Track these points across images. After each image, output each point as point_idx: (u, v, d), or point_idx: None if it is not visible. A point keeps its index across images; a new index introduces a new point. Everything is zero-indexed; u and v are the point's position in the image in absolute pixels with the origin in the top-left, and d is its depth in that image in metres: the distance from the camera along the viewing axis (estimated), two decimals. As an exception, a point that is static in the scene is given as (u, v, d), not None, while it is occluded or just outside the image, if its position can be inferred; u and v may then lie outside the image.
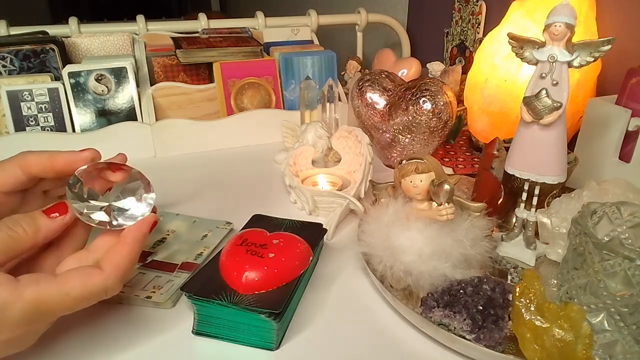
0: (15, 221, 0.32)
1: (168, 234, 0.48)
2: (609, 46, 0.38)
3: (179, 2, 4.45)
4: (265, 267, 0.37)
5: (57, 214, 0.34)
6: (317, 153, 0.60)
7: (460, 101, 0.75)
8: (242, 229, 0.45)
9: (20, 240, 0.32)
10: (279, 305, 0.34)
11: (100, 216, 0.35)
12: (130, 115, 0.72)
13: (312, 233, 0.44)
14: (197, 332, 0.37)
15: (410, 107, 0.61)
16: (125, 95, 0.72)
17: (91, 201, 0.36)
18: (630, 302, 0.32)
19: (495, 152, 0.49)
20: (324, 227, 0.47)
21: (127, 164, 0.39)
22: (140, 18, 0.88)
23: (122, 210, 0.36)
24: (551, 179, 0.42)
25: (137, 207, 0.37)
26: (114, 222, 0.35)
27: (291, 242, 0.41)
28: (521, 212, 0.45)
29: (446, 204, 0.38)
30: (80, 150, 0.37)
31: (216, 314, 0.36)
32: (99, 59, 0.75)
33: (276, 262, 0.37)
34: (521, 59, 0.41)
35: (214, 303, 0.35)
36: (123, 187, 0.37)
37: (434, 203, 0.39)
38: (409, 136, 0.63)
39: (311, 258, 0.41)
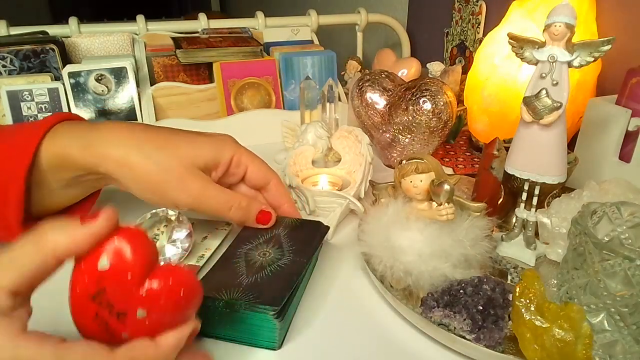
0: None
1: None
2: (609, 46, 0.38)
3: (179, 2, 4.45)
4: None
5: None
6: (317, 153, 0.60)
7: (460, 101, 0.75)
8: (241, 230, 0.45)
9: None
10: (279, 303, 0.34)
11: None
12: (130, 115, 0.72)
13: (313, 231, 0.44)
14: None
15: (410, 107, 0.61)
16: (125, 95, 0.72)
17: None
18: (630, 302, 0.32)
19: (495, 152, 0.49)
20: (324, 224, 0.46)
21: None
22: (140, 18, 0.88)
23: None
24: (551, 179, 0.42)
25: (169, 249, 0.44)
26: None
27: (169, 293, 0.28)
28: (521, 212, 0.45)
29: (446, 204, 0.38)
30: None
31: (217, 314, 0.36)
32: (99, 59, 0.75)
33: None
34: (521, 59, 0.41)
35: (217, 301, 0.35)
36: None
37: (434, 203, 0.39)
38: (409, 136, 0.63)
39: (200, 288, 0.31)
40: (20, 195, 0.40)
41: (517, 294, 0.33)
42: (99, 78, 0.70)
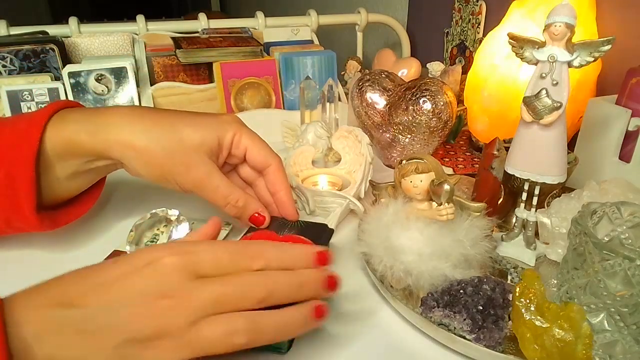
0: None
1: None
2: (609, 46, 0.38)
3: (178, 2, 4.46)
4: None
5: None
6: (317, 153, 0.60)
7: (460, 101, 0.75)
8: (247, 229, 0.45)
9: None
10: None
11: None
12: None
13: (318, 234, 0.44)
14: None
15: (410, 107, 0.61)
16: (125, 95, 0.72)
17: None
18: (630, 302, 0.32)
19: (495, 152, 0.49)
20: (329, 227, 0.46)
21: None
22: (140, 18, 0.88)
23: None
24: (551, 179, 0.42)
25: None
26: None
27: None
28: (521, 212, 0.45)
29: (446, 204, 0.38)
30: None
31: None
32: (99, 59, 0.75)
33: None
34: (521, 59, 0.41)
35: None
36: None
37: (434, 203, 0.39)
38: (409, 136, 0.63)
39: None
40: (32, 183, 0.40)
41: (517, 294, 0.33)
42: (99, 78, 0.70)
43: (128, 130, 0.41)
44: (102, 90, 0.71)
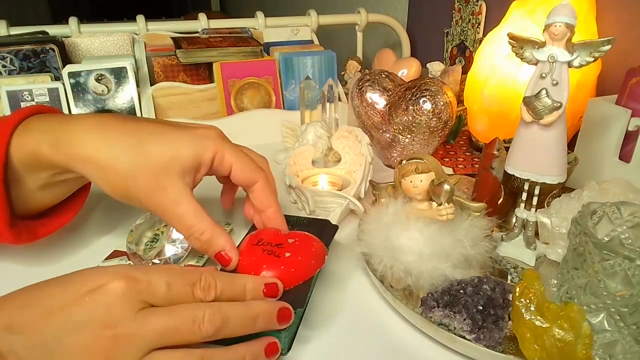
0: None
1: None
2: (609, 46, 0.38)
3: (178, 2, 4.46)
4: (282, 267, 0.36)
5: None
6: (317, 153, 0.60)
7: (460, 101, 0.75)
8: (250, 227, 0.45)
9: None
10: (300, 302, 0.34)
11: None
12: (130, 115, 0.72)
13: (321, 229, 0.44)
14: None
15: (410, 107, 0.61)
16: (125, 95, 0.72)
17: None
18: (630, 302, 0.32)
19: (495, 152, 0.49)
20: (332, 223, 0.46)
21: None
22: (140, 18, 0.88)
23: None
24: (551, 179, 0.42)
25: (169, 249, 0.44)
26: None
27: (307, 241, 0.40)
28: (521, 212, 0.45)
29: (446, 204, 0.38)
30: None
31: None
32: (99, 59, 0.75)
33: (293, 261, 0.37)
34: (521, 59, 0.41)
35: None
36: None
37: (434, 203, 0.39)
38: (409, 136, 0.63)
39: (326, 256, 0.40)
40: (1, 196, 0.38)
41: (517, 294, 0.33)
42: (99, 78, 0.70)
43: (91, 144, 0.37)
44: (102, 91, 0.71)
